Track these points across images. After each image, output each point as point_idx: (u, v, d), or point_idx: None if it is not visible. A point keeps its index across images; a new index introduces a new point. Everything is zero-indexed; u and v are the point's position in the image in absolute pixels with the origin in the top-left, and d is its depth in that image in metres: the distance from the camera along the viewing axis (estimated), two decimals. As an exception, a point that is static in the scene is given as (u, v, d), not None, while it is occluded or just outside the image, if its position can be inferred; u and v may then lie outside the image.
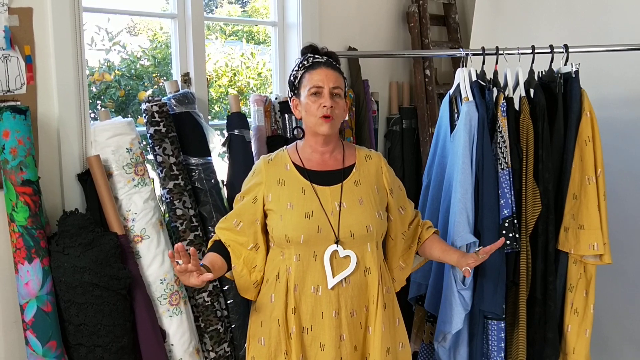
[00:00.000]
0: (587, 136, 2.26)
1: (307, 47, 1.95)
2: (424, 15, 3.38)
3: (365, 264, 1.88)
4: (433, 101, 3.35)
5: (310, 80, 1.86)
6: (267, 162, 1.96)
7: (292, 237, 1.84)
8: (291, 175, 1.91)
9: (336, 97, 1.85)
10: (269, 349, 1.89)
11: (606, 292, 2.71)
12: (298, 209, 1.85)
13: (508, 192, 2.21)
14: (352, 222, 1.85)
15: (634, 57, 2.58)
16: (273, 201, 1.89)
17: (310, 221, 1.84)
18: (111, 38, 3.72)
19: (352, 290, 1.86)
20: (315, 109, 1.84)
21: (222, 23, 4.89)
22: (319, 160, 1.93)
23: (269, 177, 1.92)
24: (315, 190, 1.88)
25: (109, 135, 2.15)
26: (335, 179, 1.91)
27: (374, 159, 1.99)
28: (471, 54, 2.45)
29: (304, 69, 1.90)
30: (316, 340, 1.86)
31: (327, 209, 1.86)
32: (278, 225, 1.86)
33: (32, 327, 1.92)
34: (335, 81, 1.86)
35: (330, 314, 1.85)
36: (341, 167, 1.93)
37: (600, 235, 2.24)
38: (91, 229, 2.01)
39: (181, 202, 2.28)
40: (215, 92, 4.31)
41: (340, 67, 1.93)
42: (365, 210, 1.88)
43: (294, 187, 1.89)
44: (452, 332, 2.26)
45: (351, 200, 1.88)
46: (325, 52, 1.94)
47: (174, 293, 2.20)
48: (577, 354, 2.33)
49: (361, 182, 1.92)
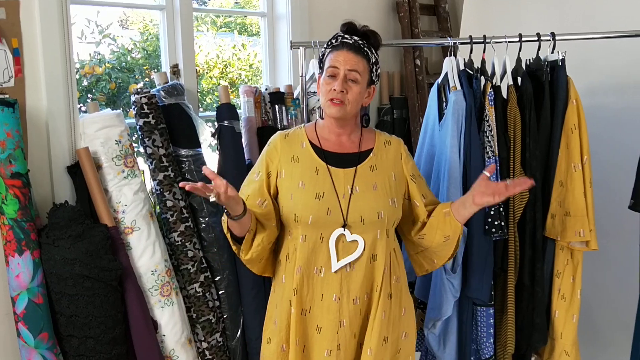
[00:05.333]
0: (573, 124, 2.28)
1: (345, 24, 1.87)
2: (414, 5, 3.39)
3: (373, 251, 1.85)
4: (424, 91, 3.37)
5: (330, 61, 1.83)
6: (284, 137, 1.93)
7: (300, 217, 1.82)
8: (306, 154, 1.89)
9: (351, 82, 1.81)
10: (279, 330, 1.89)
11: (595, 279, 2.74)
12: (309, 188, 1.83)
13: (495, 180, 2.22)
14: (363, 207, 1.82)
15: (621, 44, 2.59)
16: (286, 178, 1.87)
17: (321, 202, 1.81)
18: (101, 31, 3.71)
19: (356, 277, 1.84)
20: (327, 90, 1.82)
21: (213, 15, 4.88)
22: (335, 141, 1.90)
23: (283, 152, 1.90)
24: (329, 171, 1.85)
25: (98, 127, 2.15)
26: (350, 162, 1.88)
27: (394, 145, 1.95)
28: (459, 42, 2.46)
29: (331, 47, 1.85)
30: (313, 323, 1.86)
31: (339, 191, 1.83)
32: (288, 203, 1.85)
33: (23, 319, 1.93)
34: (353, 65, 1.80)
35: (330, 297, 1.84)
36: (357, 150, 1.90)
37: (586, 222, 2.25)
38: (81, 221, 2.02)
39: (171, 194, 2.29)
40: (206, 83, 4.31)
41: (371, 50, 1.85)
42: (379, 196, 1.85)
43: (307, 166, 1.87)
44: (441, 318, 2.29)
45: (365, 185, 1.85)
46: (364, 32, 1.86)
47: (165, 284, 2.21)
48: (564, 339, 2.35)
49: (377, 167, 1.89)
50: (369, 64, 1.84)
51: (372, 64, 1.86)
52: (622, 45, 2.59)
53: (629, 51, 2.55)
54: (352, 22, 1.87)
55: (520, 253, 2.33)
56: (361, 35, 1.86)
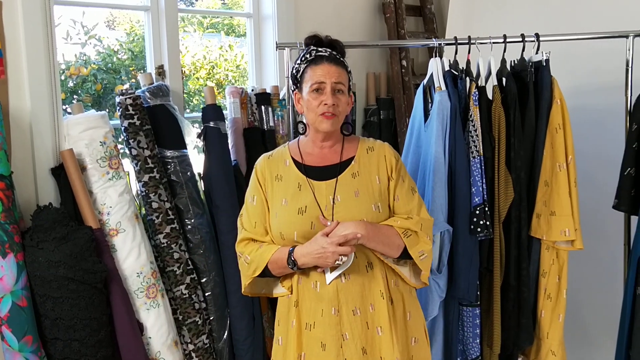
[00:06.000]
0: (558, 124, 2.29)
1: (311, 37, 1.87)
2: (400, 5, 3.39)
3: (367, 259, 1.81)
4: (410, 91, 3.37)
5: (312, 76, 1.80)
6: (267, 158, 1.93)
7: (286, 233, 1.80)
8: (289, 171, 1.88)
9: (338, 93, 1.80)
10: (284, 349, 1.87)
11: (581, 279, 2.75)
12: (292, 204, 1.81)
13: (479, 180, 2.24)
14: (345, 216, 1.78)
15: (605, 45, 2.62)
16: (270, 197, 1.87)
17: (304, 217, 1.79)
18: (87, 32, 3.69)
19: (352, 286, 1.79)
20: (316, 106, 1.79)
21: (199, 16, 4.86)
22: (319, 154, 1.89)
23: (268, 172, 1.89)
24: (310, 185, 1.83)
25: (82, 128, 2.14)
26: (332, 174, 1.85)
27: (377, 150, 1.90)
28: (444, 43, 2.47)
29: (307, 62, 1.83)
30: (317, 340, 1.80)
31: (322, 203, 1.80)
32: (274, 222, 1.84)
33: (7, 322, 1.91)
34: (338, 77, 1.79)
35: (329, 311, 1.79)
36: (339, 161, 1.87)
37: (571, 222, 2.27)
38: (65, 223, 2.00)
39: (157, 195, 2.28)
40: (193, 84, 4.29)
41: (344, 59, 1.86)
42: (361, 203, 1.80)
43: (290, 183, 1.85)
44: (428, 319, 2.29)
45: (346, 193, 1.81)
46: (329, 42, 1.86)
47: (150, 286, 2.20)
48: (550, 338, 2.37)
49: (359, 173, 1.85)
50: (347, 73, 1.85)
51: (349, 72, 1.86)
52: (606, 46, 2.61)
53: (613, 52, 2.57)
54: (317, 34, 1.87)
55: (505, 253, 2.34)
56: (328, 45, 1.86)
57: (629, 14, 2.74)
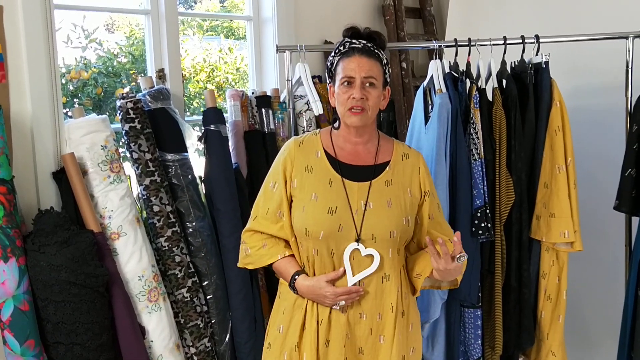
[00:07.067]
0: (557, 126, 2.30)
1: (348, 29, 1.81)
2: (400, 8, 3.40)
3: (384, 270, 1.77)
4: (410, 94, 3.37)
5: (343, 69, 1.75)
6: (298, 145, 1.84)
7: (311, 231, 1.75)
8: (320, 164, 1.81)
9: (369, 87, 1.73)
10: (284, 337, 1.84)
11: (581, 280, 2.76)
12: (322, 202, 1.76)
13: (480, 182, 2.24)
14: (375, 225, 1.74)
15: (605, 46, 2.62)
16: (298, 187, 1.80)
17: (333, 217, 1.74)
18: (87, 35, 3.69)
19: (365, 295, 1.77)
20: (345, 99, 1.74)
21: (199, 19, 4.87)
22: (352, 151, 1.82)
23: (297, 160, 1.82)
24: (344, 185, 1.77)
25: (83, 132, 2.14)
26: (365, 176, 1.79)
27: (412, 159, 1.85)
28: (444, 45, 2.48)
29: (340, 55, 1.78)
30: (323, 337, 1.79)
31: (353, 206, 1.75)
32: (300, 216, 1.78)
33: (9, 327, 1.91)
34: (368, 70, 1.73)
35: (339, 311, 1.79)
36: (373, 162, 1.82)
37: (570, 223, 2.27)
38: (67, 227, 2.00)
39: (158, 199, 2.29)
40: (193, 87, 4.29)
41: (380, 52, 1.79)
42: (392, 215, 1.76)
43: (321, 177, 1.79)
44: (430, 321, 2.30)
45: (379, 201, 1.76)
46: (368, 33, 1.79)
47: (152, 289, 2.20)
48: (550, 339, 2.37)
49: (393, 182, 1.80)
50: (382, 66, 1.78)
51: (385, 65, 1.79)
52: (606, 47, 2.62)
53: (613, 53, 2.57)
54: (355, 26, 1.80)
55: (507, 254, 2.34)
56: (367, 37, 1.79)
57: (628, 14, 2.74)
